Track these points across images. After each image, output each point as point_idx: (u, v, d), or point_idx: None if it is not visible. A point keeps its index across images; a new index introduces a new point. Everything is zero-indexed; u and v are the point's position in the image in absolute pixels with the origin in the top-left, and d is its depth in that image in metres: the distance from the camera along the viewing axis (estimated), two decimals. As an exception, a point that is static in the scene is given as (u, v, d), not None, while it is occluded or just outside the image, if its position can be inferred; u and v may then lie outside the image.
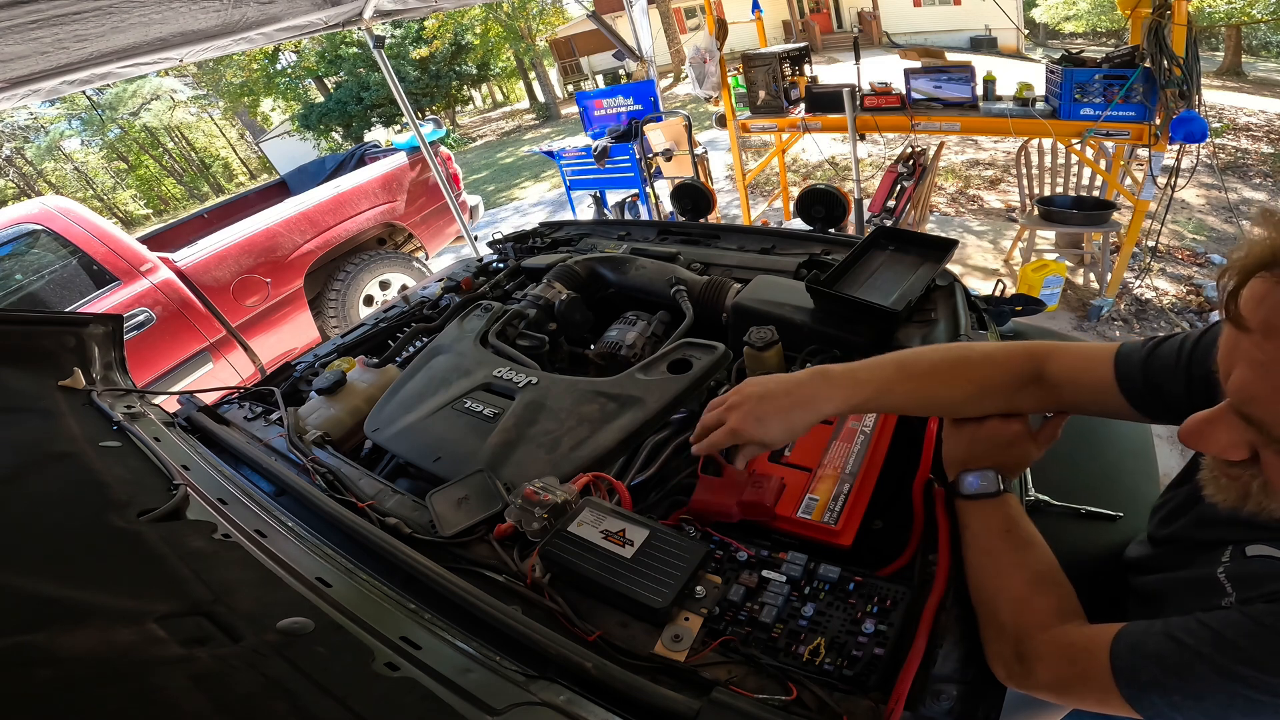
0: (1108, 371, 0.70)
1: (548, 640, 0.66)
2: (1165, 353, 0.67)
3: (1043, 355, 0.76)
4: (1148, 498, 0.98)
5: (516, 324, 1.43)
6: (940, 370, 0.79)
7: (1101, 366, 0.71)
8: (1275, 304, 0.43)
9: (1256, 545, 0.57)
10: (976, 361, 0.79)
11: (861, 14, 16.19)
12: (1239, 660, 0.48)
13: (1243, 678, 0.48)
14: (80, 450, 0.95)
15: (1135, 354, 0.69)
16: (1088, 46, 12.58)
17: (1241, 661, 0.48)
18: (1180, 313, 3.44)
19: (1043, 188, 3.71)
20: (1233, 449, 0.50)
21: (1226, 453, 0.51)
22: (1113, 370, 0.70)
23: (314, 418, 1.28)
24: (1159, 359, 0.67)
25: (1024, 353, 0.78)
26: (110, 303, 2.98)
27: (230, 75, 18.07)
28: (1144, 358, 0.68)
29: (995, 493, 0.73)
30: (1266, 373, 0.45)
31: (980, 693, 0.62)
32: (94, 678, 0.51)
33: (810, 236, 1.64)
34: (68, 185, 24.07)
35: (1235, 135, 6.64)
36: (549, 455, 1.00)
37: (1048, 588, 0.65)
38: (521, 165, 11.60)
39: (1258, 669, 0.47)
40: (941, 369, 0.79)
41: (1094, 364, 0.72)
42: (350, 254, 4.17)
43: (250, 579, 0.74)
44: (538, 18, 17.47)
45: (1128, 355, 0.70)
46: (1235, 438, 0.50)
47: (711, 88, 4.09)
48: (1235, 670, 0.48)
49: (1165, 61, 2.64)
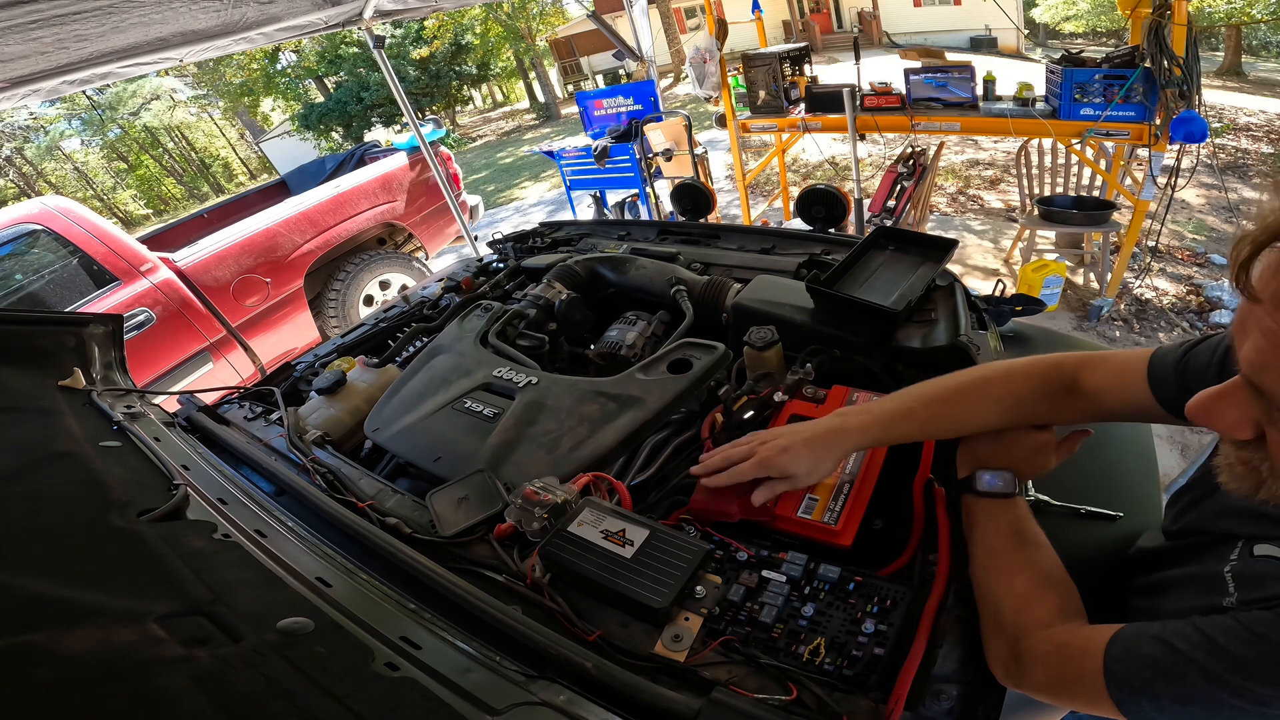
0: (1143, 380, 0.71)
1: (548, 640, 0.66)
2: (1200, 354, 0.67)
3: (1074, 366, 0.76)
4: (1148, 498, 0.98)
5: (516, 324, 1.43)
6: (960, 393, 0.79)
7: (1138, 375, 0.71)
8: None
9: (1265, 545, 0.57)
10: (997, 380, 0.78)
11: (861, 14, 16.19)
12: (1229, 668, 0.48)
13: (1231, 685, 0.47)
14: (80, 450, 0.95)
15: (1169, 357, 0.69)
16: (1088, 46, 12.58)
17: (1231, 669, 0.48)
18: (1180, 313, 3.44)
19: (1043, 188, 3.71)
20: (1239, 427, 0.50)
21: (1232, 431, 0.51)
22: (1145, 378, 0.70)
23: (314, 418, 1.28)
24: (1194, 361, 0.67)
25: (1050, 366, 0.78)
26: (110, 303, 2.98)
27: (230, 75, 18.08)
28: (1178, 360, 0.68)
29: (1010, 493, 0.73)
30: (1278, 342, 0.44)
31: (980, 693, 0.62)
32: (94, 678, 0.51)
33: (810, 236, 1.64)
34: (68, 185, 24.08)
35: (1235, 135, 6.64)
36: (549, 455, 1.00)
37: (1051, 588, 0.65)
38: (521, 165, 11.60)
39: (1246, 677, 0.47)
40: (961, 392, 0.79)
41: (1130, 371, 0.72)
42: (350, 254, 4.17)
43: (250, 579, 0.74)
44: (538, 18, 17.47)
45: (1162, 358, 0.70)
46: (1242, 415, 0.49)
47: (711, 88, 4.09)
48: (1224, 678, 0.48)
49: (1165, 61, 2.64)
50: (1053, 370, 0.77)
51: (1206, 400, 0.52)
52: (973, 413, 0.78)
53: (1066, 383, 0.76)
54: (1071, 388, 0.76)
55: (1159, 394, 0.69)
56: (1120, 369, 0.74)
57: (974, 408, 0.78)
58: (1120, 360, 0.75)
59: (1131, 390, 0.72)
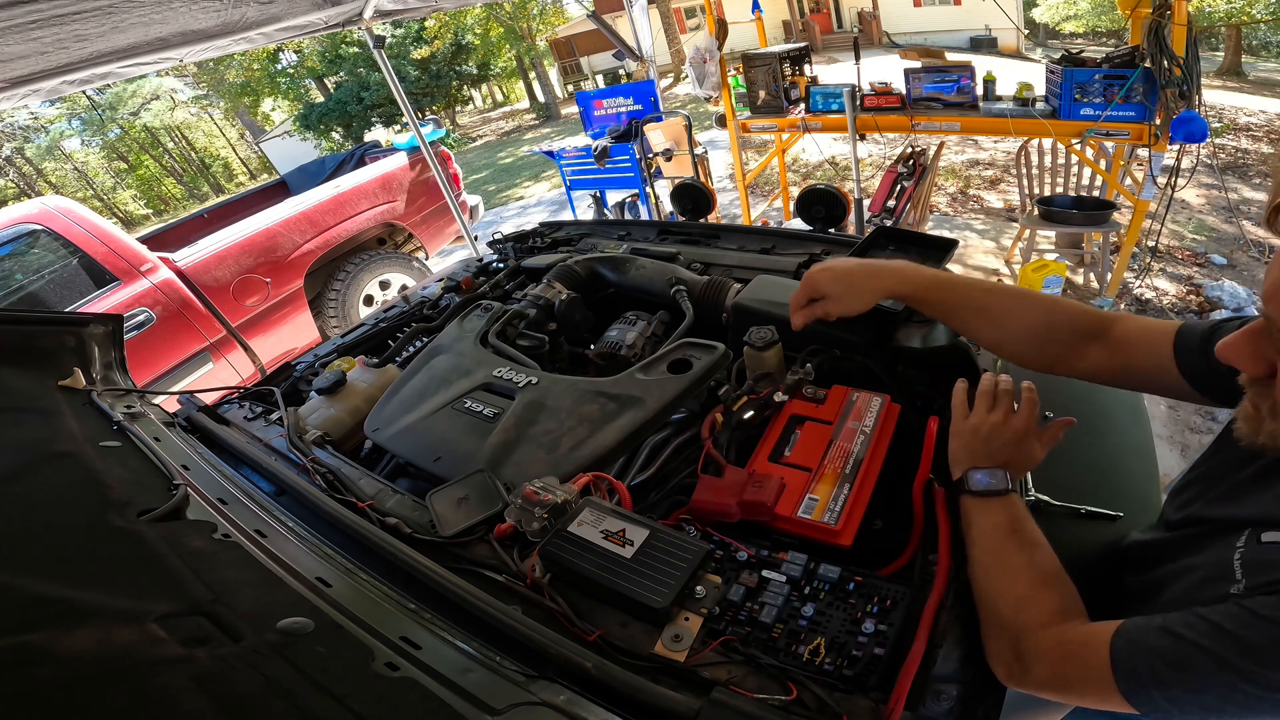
0: (1169, 345, 0.73)
1: (548, 640, 0.66)
2: (1228, 329, 0.67)
3: (1110, 317, 0.80)
4: (1148, 498, 0.98)
5: (516, 324, 1.43)
6: (1005, 295, 0.84)
7: (1165, 339, 0.73)
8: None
9: (1272, 532, 0.57)
10: (1046, 302, 0.83)
11: (861, 14, 16.19)
12: (1237, 652, 0.48)
13: (1240, 670, 0.48)
14: (80, 450, 0.95)
15: (1197, 330, 0.71)
16: (1088, 46, 12.57)
17: (1240, 654, 0.48)
18: (1180, 313, 3.44)
19: (1043, 188, 3.71)
20: (1254, 362, 0.54)
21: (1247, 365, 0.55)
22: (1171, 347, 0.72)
23: (314, 418, 1.28)
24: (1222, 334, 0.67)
25: (1088, 308, 0.82)
26: (110, 303, 2.98)
27: (231, 75, 18.08)
28: (1206, 332, 0.70)
29: (1004, 491, 0.73)
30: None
31: (980, 693, 0.62)
32: (94, 678, 0.51)
33: (810, 236, 1.64)
34: (68, 185, 24.08)
35: (1235, 135, 6.64)
36: (549, 455, 1.00)
37: (1051, 587, 0.65)
38: (521, 165, 11.60)
39: (1256, 661, 0.47)
40: (1006, 294, 0.85)
41: (1159, 335, 0.74)
42: (350, 254, 4.17)
43: (250, 579, 0.74)
44: (538, 18, 17.47)
45: (1190, 329, 0.72)
46: (1257, 350, 0.53)
47: (711, 88, 4.09)
48: (1233, 663, 0.48)
49: (1165, 61, 2.64)
50: (1090, 312, 0.81)
51: (1233, 337, 0.56)
52: (1009, 315, 0.83)
53: (1098, 327, 0.79)
54: (1101, 333, 0.79)
55: (1182, 361, 0.71)
56: (1149, 329, 0.76)
57: (1014, 309, 0.83)
58: (1150, 323, 0.77)
59: (1155, 353, 0.74)
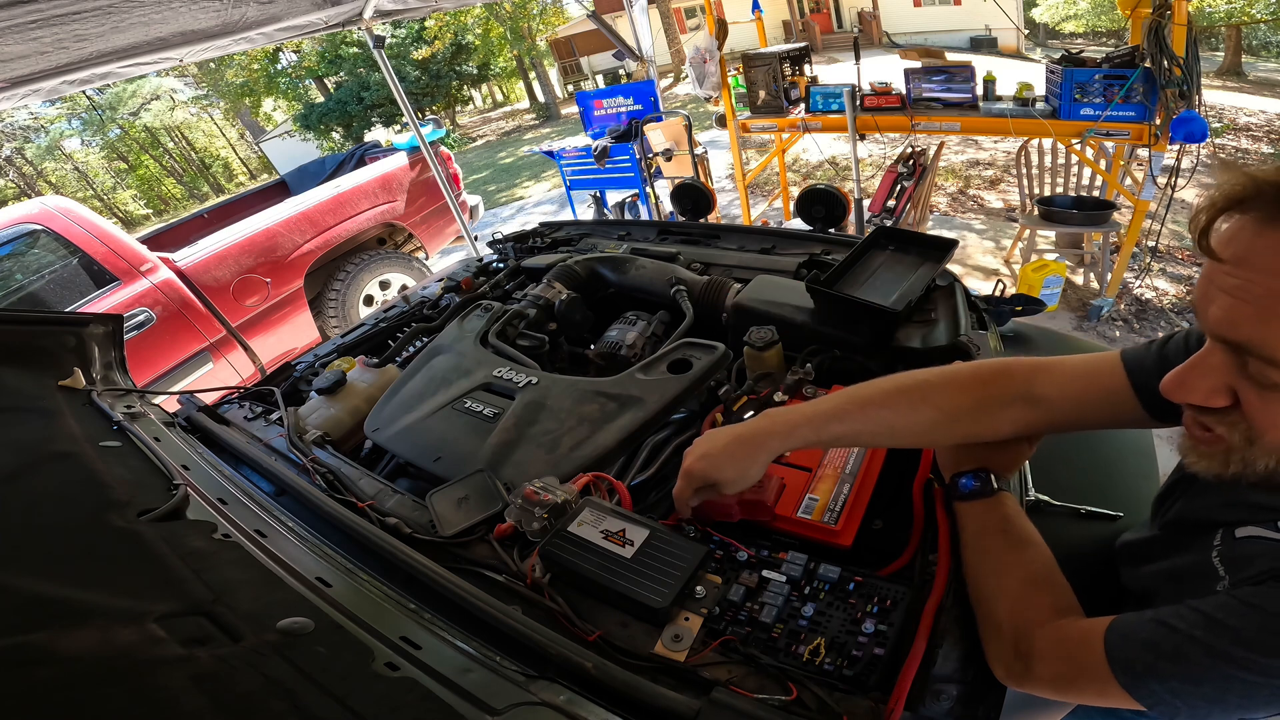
0: (1118, 380, 0.69)
1: (548, 640, 0.66)
2: (1174, 350, 0.67)
3: (1025, 373, 0.73)
4: (1148, 498, 0.98)
5: (516, 324, 1.43)
6: (896, 396, 0.74)
7: (1108, 376, 0.69)
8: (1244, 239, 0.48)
9: (1245, 527, 0.57)
10: (938, 385, 0.74)
11: (861, 14, 16.18)
12: (1230, 641, 0.48)
13: (1235, 659, 0.48)
14: (80, 450, 0.95)
15: (1146, 358, 0.68)
16: (1088, 46, 12.57)
17: (1233, 643, 0.48)
18: (1180, 313, 3.44)
19: (1043, 188, 3.71)
20: (1214, 394, 0.52)
21: (1208, 399, 0.53)
22: (1125, 378, 0.68)
23: (314, 418, 1.28)
24: (1170, 357, 0.66)
25: (997, 372, 0.74)
26: (110, 303, 2.98)
27: (231, 75, 18.05)
28: (1156, 359, 0.67)
29: (990, 492, 0.73)
30: (1243, 293, 0.47)
31: (980, 693, 0.62)
32: (94, 678, 0.51)
33: (810, 236, 1.64)
34: (68, 185, 24.06)
35: (1235, 135, 6.65)
36: (549, 455, 1.00)
37: (1044, 586, 0.65)
38: (521, 165, 11.59)
39: (1250, 649, 0.47)
40: (897, 395, 0.74)
41: (1098, 375, 0.70)
42: (350, 254, 4.17)
43: (250, 579, 0.74)
44: (538, 18, 17.46)
45: (1139, 360, 0.68)
46: (1216, 382, 0.52)
47: (711, 88, 4.09)
48: (1227, 651, 0.48)
49: (1165, 61, 2.64)
50: (998, 377, 0.73)
51: (1179, 374, 0.54)
52: (908, 421, 0.73)
53: (1017, 391, 0.72)
54: (1024, 395, 0.72)
55: (1143, 395, 0.67)
56: (1085, 371, 0.71)
57: (910, 415, 0.73)
58: (1083, 365, 0.72)
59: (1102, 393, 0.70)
